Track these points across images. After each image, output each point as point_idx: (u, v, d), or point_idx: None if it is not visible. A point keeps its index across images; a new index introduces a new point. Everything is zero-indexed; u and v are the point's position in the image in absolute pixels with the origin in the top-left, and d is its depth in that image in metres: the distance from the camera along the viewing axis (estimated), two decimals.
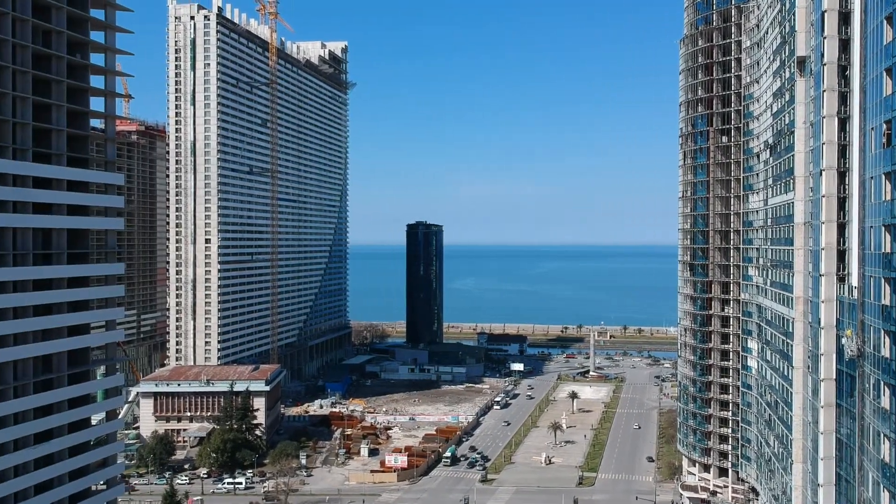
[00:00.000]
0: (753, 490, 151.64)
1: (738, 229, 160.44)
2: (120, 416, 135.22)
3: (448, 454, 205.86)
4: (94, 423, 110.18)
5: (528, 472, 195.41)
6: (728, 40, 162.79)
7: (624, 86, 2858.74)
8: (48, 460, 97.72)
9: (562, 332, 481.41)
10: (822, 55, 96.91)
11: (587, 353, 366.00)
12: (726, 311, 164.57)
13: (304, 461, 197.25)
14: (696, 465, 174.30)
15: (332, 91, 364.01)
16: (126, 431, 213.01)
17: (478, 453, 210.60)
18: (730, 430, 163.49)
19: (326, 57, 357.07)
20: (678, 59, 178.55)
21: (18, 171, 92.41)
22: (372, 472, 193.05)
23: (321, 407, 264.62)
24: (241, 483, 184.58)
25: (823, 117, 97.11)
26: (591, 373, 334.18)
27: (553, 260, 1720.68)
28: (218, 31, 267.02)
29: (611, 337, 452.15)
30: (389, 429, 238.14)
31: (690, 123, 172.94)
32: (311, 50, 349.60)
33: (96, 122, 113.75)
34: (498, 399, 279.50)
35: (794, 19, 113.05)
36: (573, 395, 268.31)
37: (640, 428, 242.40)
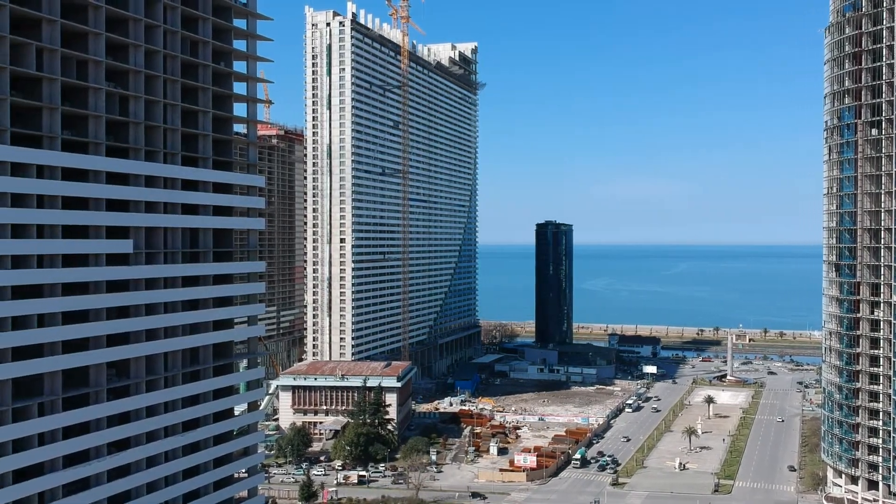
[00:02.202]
0: None
1: (890, 227, 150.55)
2: (261, 408, 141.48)
3: (578, 456, 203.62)
4: (236, 413, 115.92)
5: (661, 478, 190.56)
6: (879, 27, 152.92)
7: (764, 78, 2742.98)
8: (194, 447, 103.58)
9: (697, 334, 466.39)
10: None
11: (724, 356, 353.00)
12: (876, 313, 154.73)
13: (434, 457, 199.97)
14: (843, 476, 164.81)
15: (462, 92, 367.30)
16: (266, 422, 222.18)
17: (608, 456, 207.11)
18: (880, 441, 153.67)
19: (456, 58, 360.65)
20: (823, 49, 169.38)
21: (169, 173, 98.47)
22: (501, 470, 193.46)
23: (451, 405, 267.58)
24: (374, 477, 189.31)
25: None
26: (728, 377, 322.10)
27: (688, 260, 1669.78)
28: (352, 37, 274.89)
29: (750, 340, 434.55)
30: (518, 428, 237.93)
31: (836, 116, 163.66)
32: (441, 52, 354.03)
33: (239, 127, 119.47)
34: (629, 402, 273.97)
35: None
36: (709, 400, 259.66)
37: (783, 421, 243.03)
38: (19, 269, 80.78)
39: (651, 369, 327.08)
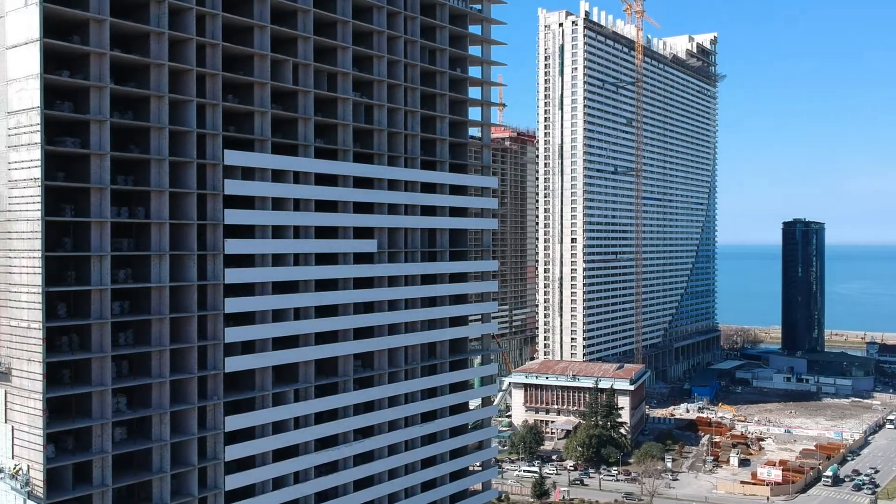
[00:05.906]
0: None
1: None
2: (494, 404, 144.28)
3: (829, 473, 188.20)
4: (471, 408, 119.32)
5: None
6: None
7: None
8: (432, 438, 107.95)
9: None
10: None
11: None
12: None
13: (669, 464, 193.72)
14: None
15: (700, 85, 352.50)
16: (499, 419, 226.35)
17: (865, 475, 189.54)
18: None
19: (694, 50, 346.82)
20: None
21: (409, 177, 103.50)
22: (742, 482, 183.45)
23: (687, 411, 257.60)
24: (608, 479, 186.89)
25: None
26: None
27: None
28: (585, 36, 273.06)
29: None
30: (762, 440, 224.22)
31: None
32: (677, 44, 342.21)
33: (474, 131, 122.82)
34: (891, 417, 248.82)
35: None
36: None
37: None
38: (278, 267, 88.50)
39: None
